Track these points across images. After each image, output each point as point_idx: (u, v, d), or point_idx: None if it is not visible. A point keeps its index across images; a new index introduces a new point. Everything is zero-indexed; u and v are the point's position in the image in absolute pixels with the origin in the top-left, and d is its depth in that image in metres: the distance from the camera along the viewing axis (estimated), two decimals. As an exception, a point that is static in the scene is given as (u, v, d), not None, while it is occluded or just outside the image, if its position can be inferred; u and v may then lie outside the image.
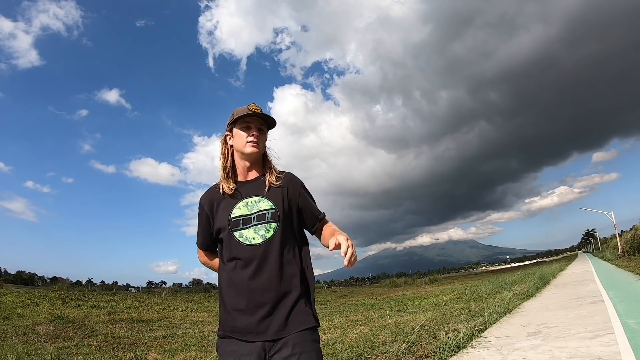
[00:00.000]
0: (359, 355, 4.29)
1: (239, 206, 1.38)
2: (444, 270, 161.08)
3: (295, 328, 1.26)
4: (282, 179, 1.43)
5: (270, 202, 1.38)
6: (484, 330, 5.33)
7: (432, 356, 4.11)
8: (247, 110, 1.40)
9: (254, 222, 1.34)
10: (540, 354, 3.75)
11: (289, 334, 1.25)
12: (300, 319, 1.29)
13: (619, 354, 3.34)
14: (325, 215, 1.48)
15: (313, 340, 1.28)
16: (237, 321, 1.28)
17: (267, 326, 1.26)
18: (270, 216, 1.35)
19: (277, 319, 1.27)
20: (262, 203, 1.37)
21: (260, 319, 1.26)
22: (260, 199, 1.38)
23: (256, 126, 1.43)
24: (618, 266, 19.21)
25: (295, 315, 1.28)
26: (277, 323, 1.26)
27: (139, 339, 7.01)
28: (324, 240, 1.41)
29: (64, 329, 7.57)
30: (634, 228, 29.74)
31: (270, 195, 1.39)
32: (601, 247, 59.60)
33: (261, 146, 1.44)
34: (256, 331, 1.26)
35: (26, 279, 60.85)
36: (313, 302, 1.37)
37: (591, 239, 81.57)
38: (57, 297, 14.30)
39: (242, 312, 1.28)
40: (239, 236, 1.34)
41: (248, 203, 1.38)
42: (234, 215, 1.36)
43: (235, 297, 1.30)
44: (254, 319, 1.26)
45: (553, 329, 4.95)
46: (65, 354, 5.28)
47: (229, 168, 1.46)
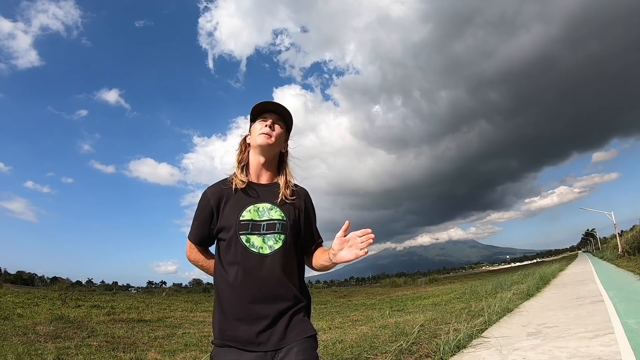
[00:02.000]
0: (359, 355, 4.29)
1: (250, 209, 1.32)
2: (444, 270, 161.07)
3: (297, 336, 1.24)
4: (297, 193, 1.40)
5: (283, 213, 1.33)
6: (484, 330, 5.33)
7: (432, 356, 4.11)
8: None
9: (264, 230, 1.29)
10: (540, 354, 3.75)
11: (291, 342, 1.23)
12: (302, 327, 1.27)
13: (619, 354, 3.34)
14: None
15: (311, 348, 1.26)
16: (239, 331, 1.23)
17: (267, 337, 1.22)
18: (281, 227, 1.31)
19: (278, 331, 1.24)
20: (273, 212, 1.33)
21: (261, 331, 1.22)
22: (273, 207, 1.33)
23: (274, 119, 1.39)
24: (618, 266, 19.20)
25: (296, 325, 1.26)
26: (278, 334, 1.23)
27: (139, 339, 7.00)
28: (315, 259, 1.40)
29: (64, 329, 7.56)
30: (634, 228, 29.76)
31: (282, 206, 1.35)
32: (601, 247, 59.58)
33: (275, 140, 1.37)
34: (257, 342, 1.22)
35: (26, 279, 60.81)
36: (310, 314, 1.37)
37: (591, 239, 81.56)
38: (57, 297, 14.28)
39: (243, 322, 1.23)
40: (246, 241, 1.28)
41: (259, 209, 1.33)
42: (244, 219, 1.30)
43: (237, 306, 1.24)
44: (255, 330, 1.22)
45: (553, 328, 4.95)
46: (65, 354, 5.27)
47: (244, 163, 1.41)
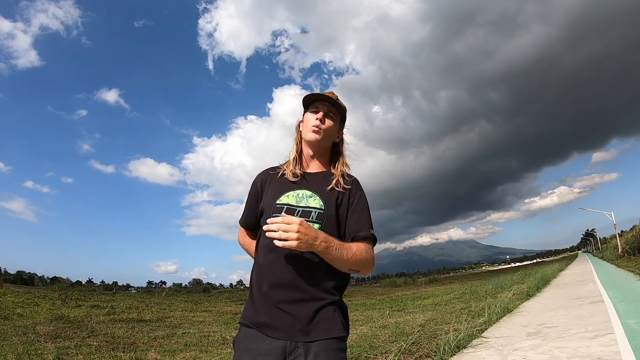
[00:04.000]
0: (359, 355, 4.30)
1: (289, 194, 1.27)
2: (444, 270, 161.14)
3: (320, 335, 1.15)
4: (348, 182, 1.30)
5: (322, 201, 1.25)
6: (484, 330, 5.33)
7: (432, 356, 4.11)
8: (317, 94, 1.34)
9: (298, 216, 1.22)
10: (540, 354, 3.75)
11: (313, 340, 1.14)
12: (327, 325, 1.17)
13: (619, 354, 3.34)
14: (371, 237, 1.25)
15: (339, 349, 1.16)
16: (260, 314, 1.19)
17: (289, 324, 1.15)
18: (317, 216, 1.23)
19: (300, 320, 1.15)
20: (312, 200, 1.26)
21: (279, 317, 1.16)
22: (313, 195, 1.27)
23: (325, 111, 1.33)
24: (618, 266, 19.21)
25: (322, 322, 1.16)
26: (300, 324, 1.15)
27: (139, 339, 7.00)
28: None
29: (64, 329, 7.56)
30: (634, 228, 29.74)
31: (325, 195, 1.26)
32: (601, 247, 59.60)
33: (324, 134, 1.32)
34: (274, 327, 1.16)
35: (26, 279, 60.85)
36: (345, 312, 1.24)
37: (591, 239, 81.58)
38: (57, 297, 14.29)
39: (264, 305, 1.19)
40: None
41: (299, 195, 1.27)
42: (280, 202, 1.26)
43: (260, 290, 1.21)
44: (274, 315, 1.17)
45: (553, 329, 4.95)
46: (65, 354, 5.27)
47: (297, 155, 1.38)
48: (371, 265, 1.23)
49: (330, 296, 1.20)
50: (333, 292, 1.21)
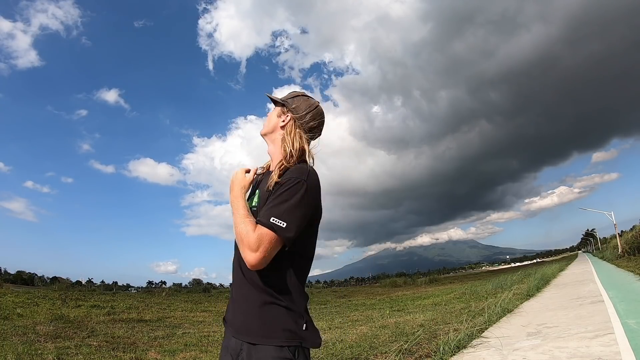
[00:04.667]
0: (359, 355, 4.30)
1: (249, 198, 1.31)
2: (444, 270, 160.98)
3: (260, 339, 1.10)
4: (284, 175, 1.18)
5: (258, 199, 1.26)
6: (484, 330, 5.33)
7: (432, 356, 4.11)
8: None
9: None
10: (540, 354, 3.75)
11: (255, 343, 1.11)
12: (267, 328, 1.11)
13: (619, 354, 3.34)
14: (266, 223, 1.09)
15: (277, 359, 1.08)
16: (228, 308, 1.28)
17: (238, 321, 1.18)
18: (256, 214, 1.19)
19: (238, 318, 1.18)
20: (255, 198, 1.28)
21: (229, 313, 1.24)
22: (256, 193, 1.29)
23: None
24: (618, 266, 19.20)
25: (263, 324, 1.12)
26: (237, 322, 1.18)
27: (139, 339, 7.01)
28: None
29: (64, 329, 7.57)
30: (634, 228, 29.74)
31: (262, 192, 1.23)
32: (601, 247, 59.59)
33: (264, 128, 1.37)
34: (229, 322, 1.23)
35: (26, 279, 60.81)
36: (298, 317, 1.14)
37: (591, 239, 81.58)
38: (57, 297, 14.30)
39: (230, 300, 1.27)
40: None
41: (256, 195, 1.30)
42: (251, 206, 1.26)
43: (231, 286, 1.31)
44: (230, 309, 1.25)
45: (553, 329, 4.95)
46: (65, 354, 5.27)
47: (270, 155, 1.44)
48: (246, 247, 1.07)
49: (271, 298, 1.13)
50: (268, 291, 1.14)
